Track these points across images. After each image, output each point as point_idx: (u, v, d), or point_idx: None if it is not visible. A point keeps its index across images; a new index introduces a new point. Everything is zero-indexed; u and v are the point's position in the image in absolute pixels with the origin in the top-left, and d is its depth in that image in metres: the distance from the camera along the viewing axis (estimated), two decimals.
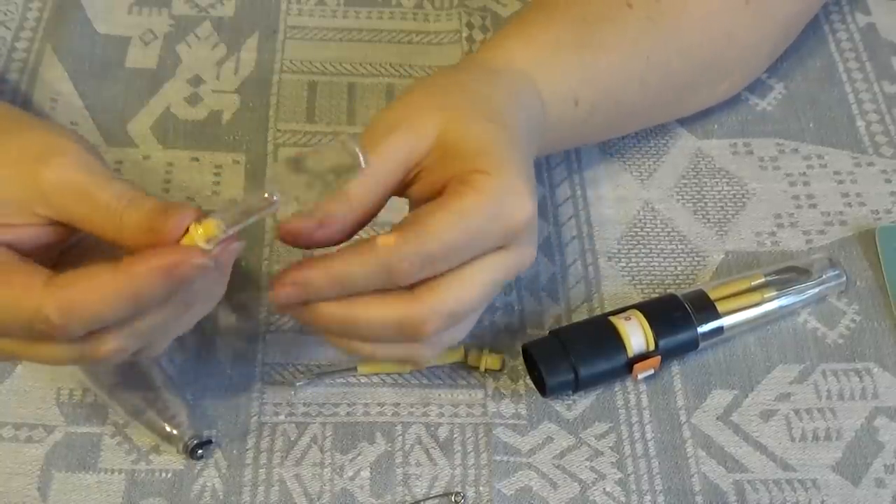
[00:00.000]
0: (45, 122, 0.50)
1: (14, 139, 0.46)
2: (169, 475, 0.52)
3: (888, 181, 0.65)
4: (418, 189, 0.50)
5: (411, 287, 0.46)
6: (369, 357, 0.50)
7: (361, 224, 0.49)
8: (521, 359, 0.57)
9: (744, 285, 0.58)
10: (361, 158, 0.43)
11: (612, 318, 0.55)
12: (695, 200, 0.64)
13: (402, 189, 0.50)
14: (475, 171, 0.47)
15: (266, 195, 0.43)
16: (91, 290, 0.42)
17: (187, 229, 0.43)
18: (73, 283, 0.42)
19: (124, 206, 0.43)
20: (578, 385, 0.55)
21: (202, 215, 0.43)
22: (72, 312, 0.42)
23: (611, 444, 0.54)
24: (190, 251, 0.42)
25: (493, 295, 0.49)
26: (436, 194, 0.48)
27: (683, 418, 0.55)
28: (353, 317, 0.47)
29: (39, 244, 0.45)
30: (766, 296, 0.58)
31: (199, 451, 0.52)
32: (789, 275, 0.59)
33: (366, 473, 0.53)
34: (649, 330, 0.55)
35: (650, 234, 0.63)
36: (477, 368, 0.57)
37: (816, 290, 0.59)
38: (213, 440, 0.53)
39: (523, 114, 0.52)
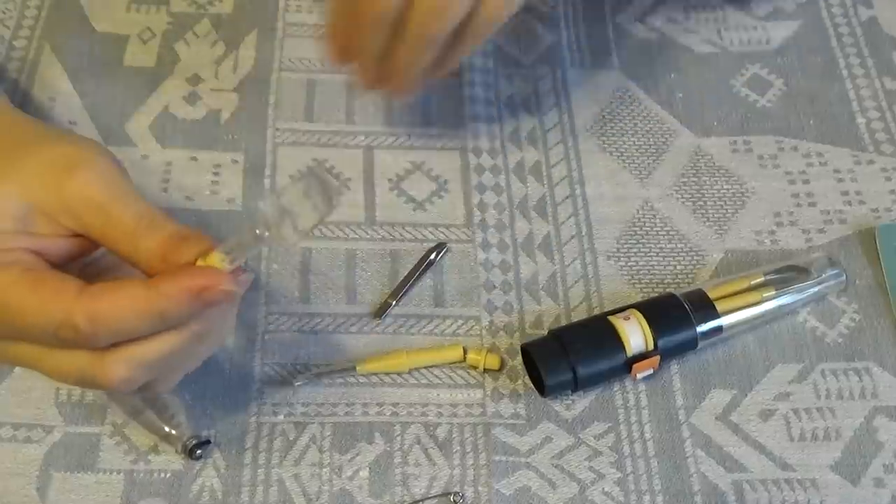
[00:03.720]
0: (74, 135, 0.51)
1: (44, 150, 0.47)
2: (168, 475, 0.52)
3: (888, 179, 0.65)
4: None
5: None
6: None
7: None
8: (519, 358, 0.57)
9: (743, 284, 0.58)
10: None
11: (611, 318, 0.55)
12: (694, 199, 0.64)
13: None
14: None
15: (257, 231, 0.44)
16: (121, 303, 0.43)
17: (195, 261, 0.44)
18: (105, 294, 0.43)
19: (143, 229, 0.45)
20: (577, 385, 0.55)
21: (209, 248, 0.44)
22: (100, 322, 0.43)
23: (610, 444, 0.54)
24: (219, 276, 0.44)
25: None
26: None
27: (682, 418, 0.55)
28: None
29: (64, 255, 0.46)
30: (765, 295, 0.58)
31: (198, 452, 0.52)
32: (789, 274, 0.59)
33: (364, 473, 0.53)
34: (648, 329, 0.55)
35: (649, 233, 0.62)
36: (476, 368, 0.57)
37: (816, 289, 0.59)
38: (212, 440, 0.53)
39: None
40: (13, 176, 0.45)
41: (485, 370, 0.56)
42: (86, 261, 0.48)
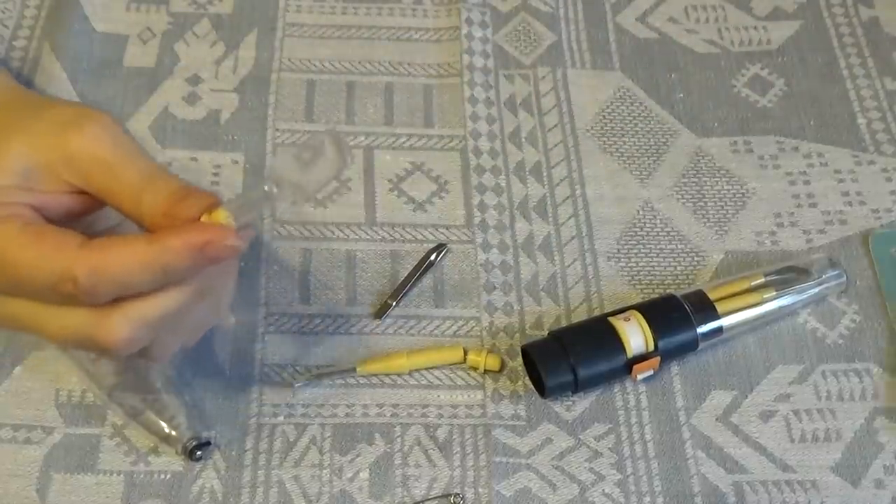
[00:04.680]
0: (76, 102, 0.51)
1: (49, 111, 0.47)
2: (168, 476, 0.52)
3: (889, 180, 0.65)
4: None
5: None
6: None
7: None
8: (520, 359, 0.57)
9: (743, 285, 0.58)
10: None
11: (612, 319, 0.55)
12: (694, 200, 0.64)
13: None
14: None
15: (266, 188, 0.44)
16: (123, 256, 0.43)
17: (199, 218, 0.44)
18: (107, 247, 0.43)
19: (145, 185, 0.45)
20: (578, 386, 0.55)
21: (214, 205, 0.44)
22: (101, 275, 0.43)
23: (610, 446, 0.54)
24: (223, 232, 0.43)
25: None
26: None
27: (683, 419, 0.55)
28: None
29: (65, 212, 0.46)
30: (765, 296, 0.57)
31: (198, 453, 0.52)
32: (789, 275, 0.59)
33: (365, 475, 0.53)
34: (648, 330, 0.55)
35: (650, 233, 0.62)
36: (476, 369, 0.57)
37: (816, 290, 0.59)
38: (212, 441, 0.53)
39: None
40: (18, 135, 0.45)
41: (485, 371, 0.56)
42: (90, 226, 0.48)
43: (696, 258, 0.62)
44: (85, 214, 0.47)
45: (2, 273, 0.44)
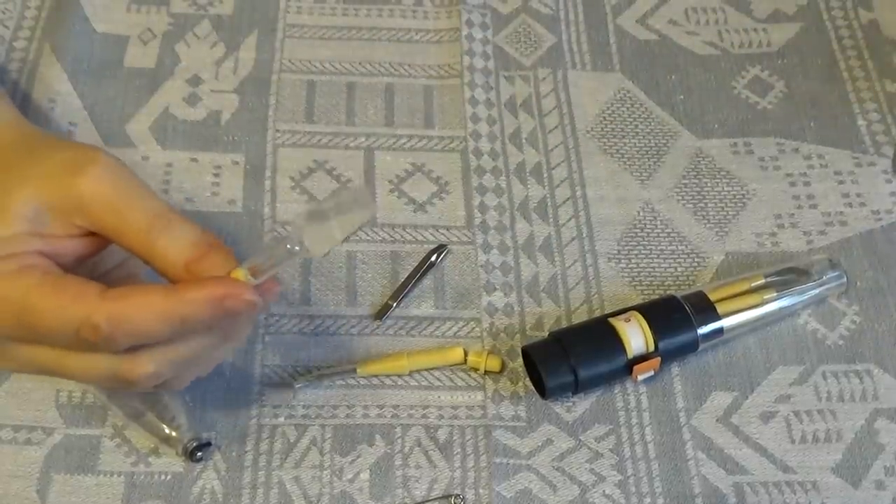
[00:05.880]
0: (80, 142, 0.52)
1: (54, 154, 0.47)
2: (168, 477, 0.52)
3: (889, 181, 0.65)
4: None
5: None
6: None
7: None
8: (520, 360, 0.57)
9: (744, 286, 0.58)
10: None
11: (612, 320, 0.55)
12: (695, 201, 0.64)
13: None
14: None
15: (288, 247, 0.46)
16: (142, 307, 0.43)
17: None
18: (126, 296, 0.44)
19: (159, 231, 0.45)
20: (578, 387, 0.55)
21: (234, 265, 0.45)
22: (121, 324, 0.43)
23: (610, 447, 0.54)
24: (242, 287, 0.44)
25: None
26: None
27: (683, 420, 0.55)
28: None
29: (75, 255, 0.47)
30: (766, 297, 0.58)
31: (199, 454, 0.52)
32: (789, 276, 0.59)
33: (365, 476, 0.53)
34: (649, 331, 0.55)
35: (650, 234, 0.62)
36: (476, 370, 0.57)
37: (817, 291, 0.59)
38: (213, 442, 0.53)
39: None
40: (25, 180, 0.46)
41: (485, 372, 0.56)
42: (95, 265, 0.49)
43: (696, 259, 0.62)
44: (93, 255, 0.48)
45: (24, 322, 0.44)
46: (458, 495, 0.52)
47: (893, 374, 0.57)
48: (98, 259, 0.49)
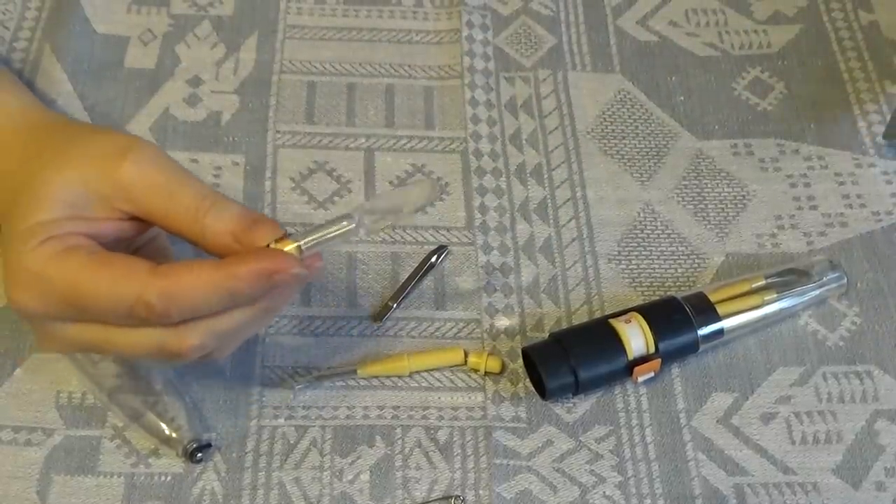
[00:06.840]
0: (113, 129, 0.53)
1: (95, 140, 0.48)
2: (168, 478, 0.52)
3: (889, 182, 0.65)
4: None
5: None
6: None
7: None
8: (520, 361, 0.57)
9: (744, 287, 0.58)
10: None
11: (612, 321, 0.55)
12: (695, 202, 0.64)
13: None
14: None
15: (345, 222, 0.47)
16: (193, 282, 0.44)
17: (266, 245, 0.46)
18: (177, 272, 0.44)
19: (206, 209, 0.46)
20: (578, 388, 0.55)
21: (283, 235, 0.46)
22: (173, 299, 0.44)
23: (611, 448, 0.54)
24: (290, 260, 0.45)
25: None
26: None
27: (683, 421, 0.55)
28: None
29: (115, 238, 0.47)
30: (766, 298, 0.58)
31: (199, 455, 0.52)
32: (790, 277, 0.59)
33: (365, 477, 0.53)
34: (649, 332, 0.55)
35: (650, 235, 0.62)
36: (477, 371, 0.56)
37: (817, 292, 0.59)
38: (213, 443, 0.53)
39: None
40: (68, 165, 0.47)
41: (486, 373, 0.56)
42: (129, 242, 0.49)
43: (696, 260, 0.62)
44: (133, 239, 0.49)
45: (73, 302, 0.45)
46: (459, 496, 0.52)
47: (894, 375, 0.57)
48: (140, 245, 0.50)
